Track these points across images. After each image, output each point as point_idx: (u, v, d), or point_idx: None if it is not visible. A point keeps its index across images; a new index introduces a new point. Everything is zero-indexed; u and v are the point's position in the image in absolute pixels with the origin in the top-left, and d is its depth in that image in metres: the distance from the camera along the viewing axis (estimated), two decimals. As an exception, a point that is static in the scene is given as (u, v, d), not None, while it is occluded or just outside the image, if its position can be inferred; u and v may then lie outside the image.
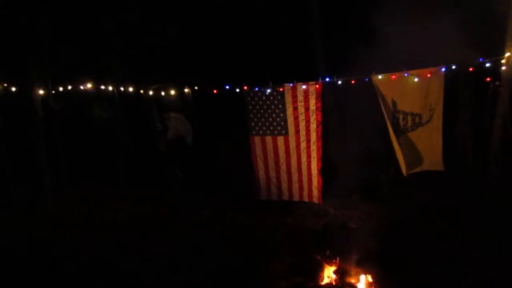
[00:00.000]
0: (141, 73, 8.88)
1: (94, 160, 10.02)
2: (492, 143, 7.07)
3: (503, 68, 6.69)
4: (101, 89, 8.76)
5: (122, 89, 8.62)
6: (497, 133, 6.97)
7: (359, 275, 5.65)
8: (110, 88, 8.71)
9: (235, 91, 7.76)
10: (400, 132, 7.40)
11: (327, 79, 7.34)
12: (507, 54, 6.58)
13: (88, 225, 7.72)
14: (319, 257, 5.91)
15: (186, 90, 8.25)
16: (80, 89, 8.83)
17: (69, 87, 8.94)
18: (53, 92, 9.18)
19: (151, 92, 8.32)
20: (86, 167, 9.97)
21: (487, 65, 6.68)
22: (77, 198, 8.85)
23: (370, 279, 5.58)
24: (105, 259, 6.31)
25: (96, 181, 9.53)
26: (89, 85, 8.60)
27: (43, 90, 8.89)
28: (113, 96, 9.13)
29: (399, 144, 7.38)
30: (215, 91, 7.87)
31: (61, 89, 9.07)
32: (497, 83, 7.36)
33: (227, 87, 7.74)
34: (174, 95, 8.29)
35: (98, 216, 8.18)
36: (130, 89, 8.47)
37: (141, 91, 8.43)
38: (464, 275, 5.46)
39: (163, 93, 8.29)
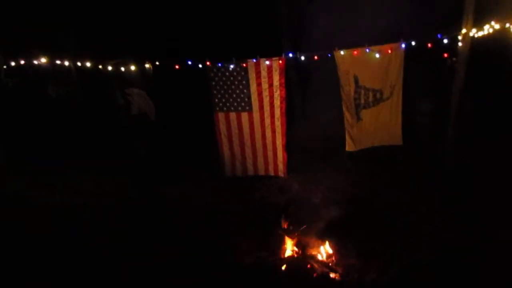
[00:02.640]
0: (99, 48, 8.52)
1: (52, 139, 9.61)
2: (449, 118, 7.27)
3: (460, 44, 6.83)
4: (56, 64, 8.34)
5: (79, 64, 8.24)
6: (454, 108, 7.17)
7: (319, 246, 5.85)
8: (67, 63, 8.29)
9: (198, 66, 7.61)
10: (361, 107, 7.60)
11: (290, 55, 7.32)
12: (464, 31, 6.70)
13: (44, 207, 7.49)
14: (281, 231, 6.04)
15: (147, 65, 8.00)
16: (35, 64, 8.38)
17: (22, 62, 8.45)
18: (5, 67, 8.69)
19: (110, 68, 8.02)
20: (43, 146, 9.55)
21: (445, 41, 6.80)
22: (31, 179, 8.49)
23: (330, 250, 5.78)
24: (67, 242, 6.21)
25: (55, 161, 9.16)
26: (43, 60, 8.16)
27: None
28: (69, 72, 8.74)
29: (359, 119, 7.64)
30: (177, 67, 7.67)
31: (13, 63, 8.58)
32: (454, 59, 7.55)
33: (190, 62, 7.57)
34: (135, 70, 8.03)
35: (52, 196, 7.93)
36: (88, 64, 8.11)
37: (100, 66, 8.10)
38: (418, 249, 5.73)
39: (123, 69, 8.01)
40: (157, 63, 7.97)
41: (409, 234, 6.12)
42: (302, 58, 7.27)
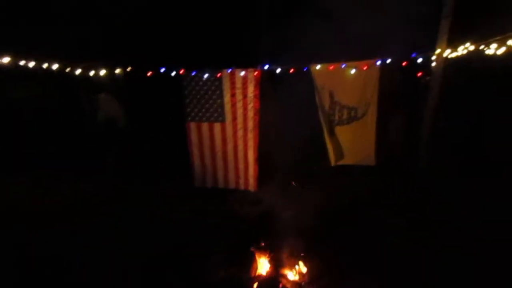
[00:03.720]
0: (67, 49, 8.11)
1: (19, 146, 9.04)
2: (421, 135, 7.34)
3: (434, 64, 6.92)
4: (20, 65, 7.87)
5: (45, 66, 7.80)
6: (427, 126, 7.25)
7: (292, 264, 5.66)
8: (32, 64, 7.84)
9: (171, 74, 7.38)
10: (335, 124, 7.56)
11: (266, 67, 7.20)
12: (438, 51, 6.80)
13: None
14: (252, 248, 5.82)
15: (118, 70, 7.68)
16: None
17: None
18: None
19: (78, 71, 7.64)
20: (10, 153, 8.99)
21: (419, 60, 6.87)
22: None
23: (303, 268, 5.60)
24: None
25: (21, 168, 8.63)
26: (6, 60, 7.68)
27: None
28: (35, 74, 8.26)
29: (332, 135, 7.58)
30: (149, 74, 7.40)
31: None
32: (428, 77, 7.66)
33: (163, 69, 7.32)
34: (104, 75, 7.68)
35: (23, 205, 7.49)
36: (55, 66, 7.69)
37: (67, 70, 7.70)
38: (395, 265, 5.64)
39: (92, 73, 7.65)
40: (128, 68, 7.67)
41: (387, 251, 6.00)
42: (278, 70, 7.16)
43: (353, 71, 7.05)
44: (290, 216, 7.16)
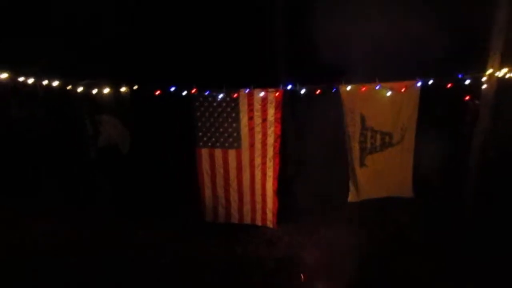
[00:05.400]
0: (70, 65, 7.45)
1: (9, 169, 8.34)
2: (468, 166, 6.40)
3: (484, 86, 6.00)
4: (19, 81, 7.24)
5: (45, 82, 7.15)
6: (475, 155, 6.31)
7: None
8: (31, 81, 7.19)
9: (182, 94, 6.61)
10: (367, 152, 6.76)
11: (289, 87, 6.38)
12: (490, 71, 5.88)
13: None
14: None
15: (124, 89, 6.96)
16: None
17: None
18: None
19: (80, 89, 6.94)
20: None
21: (467, 82, 5.96)
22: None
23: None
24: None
25: (12, 195, 7.91)
26: (4, 76, 7.06)
27: None
28: (34, 91, 7.63)
29: (363, 165, 6.78)
30: (158, 93, 6.66)
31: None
32: (477, 102, 6.74)
33: (173, 88, 6.57)
34: (108, 94, 6.96)
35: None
36: (55, 83, 7.02)
37: (69, 87, 7.01)
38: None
39: (95, 91, 6.93)
40: (135, 87, 6.94)
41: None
42: (302, 91, 6.33)
43: (389, 93, 6.24)
44: (315, 261, 6.21)
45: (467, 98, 7.92)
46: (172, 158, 8.09)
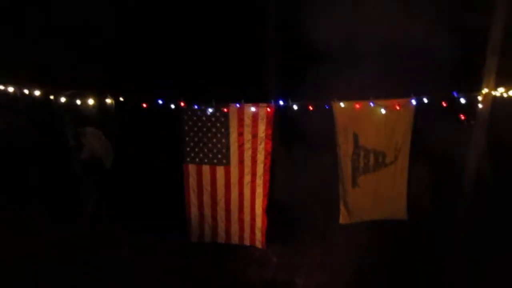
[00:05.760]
0: (52, 74, 7.15)
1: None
2: (461, 191, 6.24)
3: (480, 105, 5.88)
4: (-1, 90, 6.90)
5: (26, 92, 6.83)
6: (468, 179, 6.16)
7: None
8: (11, 89, 6.87)
9: (170, 107, 6.36)
10: (360, 172, 6.53)
11: (281, 102, 6.18)
12: (485, 90, 5.78)
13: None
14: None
15: (109, 100, 6.67)
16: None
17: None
18: None
19: (63, 99, 6.63)
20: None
21: (462, 101, 5.84)
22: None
23: None
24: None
25: None
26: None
27: None
28: (14, 100, 7.29)
29: (355, 186, 6.55)
30: (144, 105, 6.39)
31: None
32: (472, 122, 6.62)
33: (160, 101, 6.32)
34: (92, 105, 6.66)
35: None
36: (37, 92, 6.71)
37: (51, 97, 6.70)
38: None
39: (78, 102, 6.63)
40: (120, 98, 6.66)
41: None
42: (295, 107, 6.14)
43: (383, 110, 6.06)
44: (302, 281, 5.94)
45: (462, 118, 7.82)
46: (158, 174, 7.72)
